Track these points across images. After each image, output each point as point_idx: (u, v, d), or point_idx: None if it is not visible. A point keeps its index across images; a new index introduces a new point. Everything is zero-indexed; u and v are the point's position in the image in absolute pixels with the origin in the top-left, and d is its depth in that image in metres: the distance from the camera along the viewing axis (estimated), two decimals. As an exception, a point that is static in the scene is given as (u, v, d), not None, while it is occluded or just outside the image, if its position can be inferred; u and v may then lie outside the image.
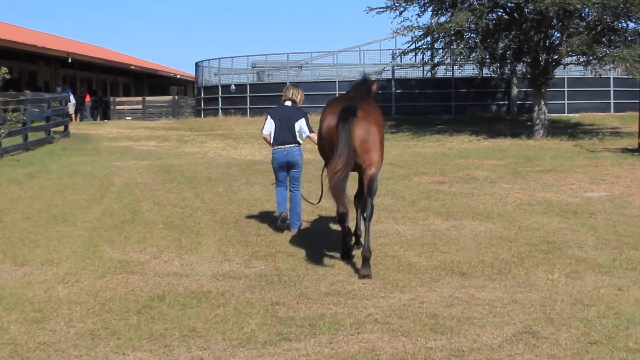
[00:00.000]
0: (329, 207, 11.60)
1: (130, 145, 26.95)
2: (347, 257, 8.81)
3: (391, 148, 23.47)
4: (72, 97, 42.09)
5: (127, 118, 49.16)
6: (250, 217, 11.64)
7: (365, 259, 8.14)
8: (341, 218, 8.71)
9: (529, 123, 30.28)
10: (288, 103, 10.88)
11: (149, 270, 8.32)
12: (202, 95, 45.87)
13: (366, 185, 8.55)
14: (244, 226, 10.90)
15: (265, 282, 7.79)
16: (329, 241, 9.68)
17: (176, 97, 56.55)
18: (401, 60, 37.35)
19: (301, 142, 10.83)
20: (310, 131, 10.66)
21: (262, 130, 10.92)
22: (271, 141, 10.76)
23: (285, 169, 10.77)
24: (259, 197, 13.52)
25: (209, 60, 46.82)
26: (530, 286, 7.52)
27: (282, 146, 10.69)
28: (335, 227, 10.54)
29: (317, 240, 9.76)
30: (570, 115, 37.51)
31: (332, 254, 8.99)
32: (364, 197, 8.65)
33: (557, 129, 29.38)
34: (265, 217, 11.52)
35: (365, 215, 8.62)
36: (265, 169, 17.59)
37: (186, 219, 11.44)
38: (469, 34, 28.46)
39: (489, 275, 7.99)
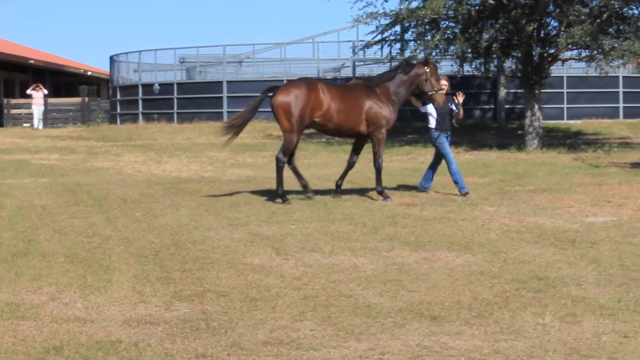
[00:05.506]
0: (270, 237, 11.64)
1: (27, 159, 26.72)
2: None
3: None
4: (-46, 99, 41.68)
5: (24, 125, 48.77)
6: (173, 248, 11.57)
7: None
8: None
9: (519, 132, 30.62)
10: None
11: (44, 315, 8.21)
12: (119, 97, 45.74)
13: None
14: (166, 259, 10.82)
15: (189, 329, 7.74)
16: (270, 278, 9.64)
17: (86, 98, 56.34)
18: (364, 55, 37.61)
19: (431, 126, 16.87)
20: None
21: None
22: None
23: None
24: (186, 223, 13.46)
25: (127, 53, 46.75)
26: (517, 333, 7.54)
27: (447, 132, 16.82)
28: (279, 259, 10.53)
29: (255, 278, 9.72)
30: (570, 122, 38.01)
31: (273, 293, 8.95)
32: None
33: (553, 139, 29.71)
34: (193, 248, 11.46)
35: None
36: (194, 188, 17.54)
37: (94, 251, 11.34)
38: (447, 23, 28.71)
39: (465, 319, 8.00)
